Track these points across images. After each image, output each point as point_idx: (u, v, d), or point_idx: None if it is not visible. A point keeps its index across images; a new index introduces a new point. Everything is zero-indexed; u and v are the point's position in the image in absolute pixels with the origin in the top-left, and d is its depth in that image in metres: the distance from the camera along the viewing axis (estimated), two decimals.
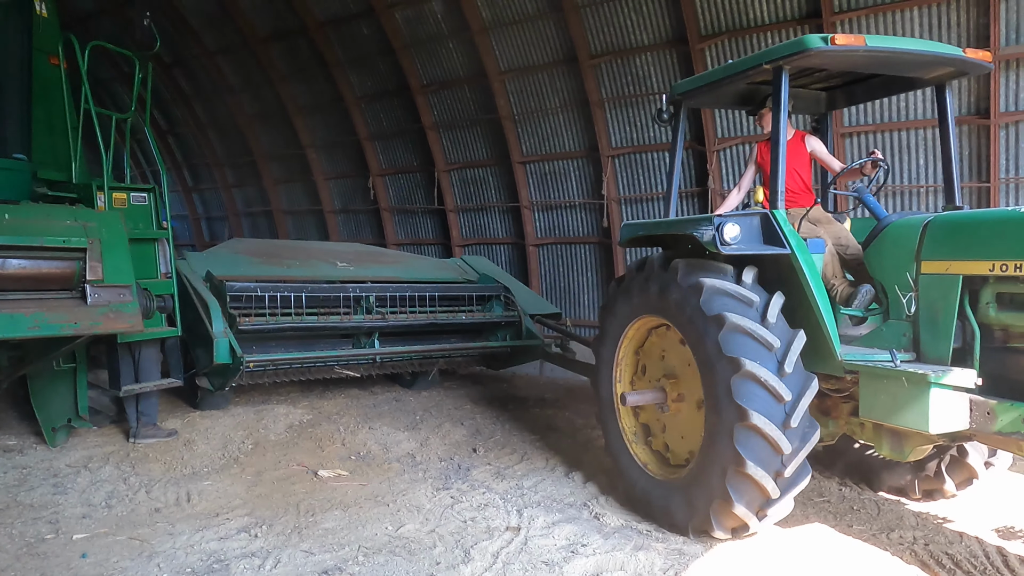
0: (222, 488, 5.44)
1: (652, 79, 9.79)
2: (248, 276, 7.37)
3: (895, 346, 4.15)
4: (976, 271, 3.85)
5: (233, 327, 6.61)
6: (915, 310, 4.14)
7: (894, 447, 4.31)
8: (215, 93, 16.48)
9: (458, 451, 6.52)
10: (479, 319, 8.27)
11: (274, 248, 9.12)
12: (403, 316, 7.69)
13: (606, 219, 10.74)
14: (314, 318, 7.22)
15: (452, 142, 12.73)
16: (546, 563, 4.15)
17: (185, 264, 7.27)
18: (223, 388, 6.87)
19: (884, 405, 3.95)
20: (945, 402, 3.74)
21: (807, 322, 4.28)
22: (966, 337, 3.94)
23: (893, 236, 4.40)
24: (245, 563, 4.12)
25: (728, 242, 4.34)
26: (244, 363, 6.42)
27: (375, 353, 7.57)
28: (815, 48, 4.14)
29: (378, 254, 9.80)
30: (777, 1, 8.35)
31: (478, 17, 10.86)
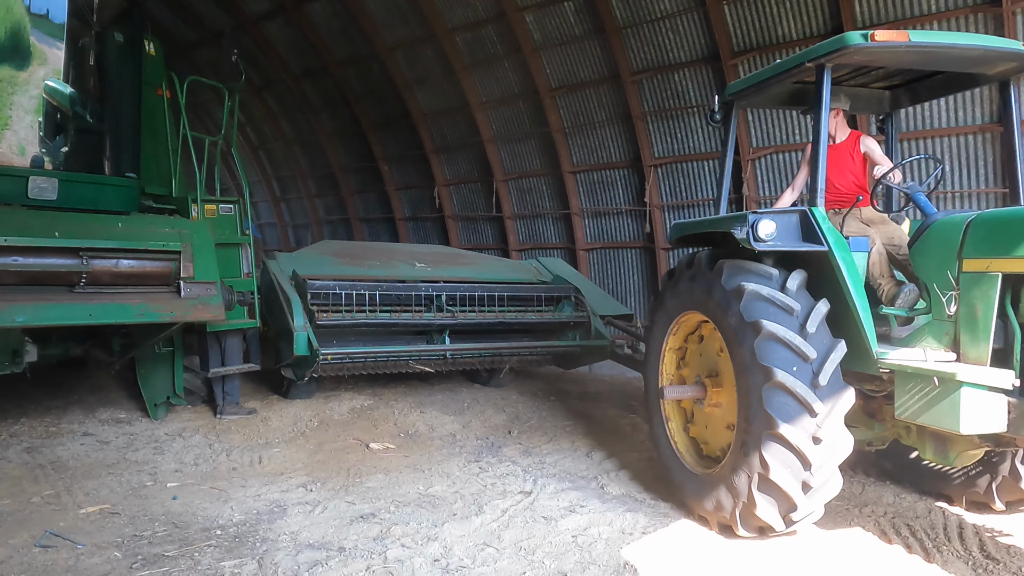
0: (288, 454, 6.40)
1: (689, 93, 10.36)
2: (329, 275, 7.67)
3: (937, 346, 4.05)
4: (1015, 269, 3.69)
5: (312, 322, 6.96)
6: (956, 310, 3.97)
7: (938, 451, 4.18)
8: (299, 112, 17.91)
9: (495, 432, 7.25)
10: (548, 319, 8.33)
11: (359, 249, 9.48)
12: (472, 314, 7.83)
13: (649, 225, 11.34)
14: (387, 315, 7.44)
15: (509, 154, 13.57)
16: (545, 518, 4.84)
17: (275, 264, 7.78)
18: (303, 379, 7.29)
19: (917, 405, 3.84)
20: (978, 402, 3.60)
21: (846, 321, 4.25)
22: (1007, 337, 3.77)
23: (937, 234, 4.25)
24: (299, 508, 5.01)
25: (763, 239, 4.31)
26: (320, 355, 6.74)
27: (446, 349, 7.74)
28: (855, 45, 4.09)
29: (457, 256, 9.96)
30: (803, 19, 8.81)
31: (529, 39, 11.68)
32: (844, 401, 4.06)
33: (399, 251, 9.79)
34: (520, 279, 8.80)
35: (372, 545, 4.33)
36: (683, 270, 5.13)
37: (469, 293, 7.91)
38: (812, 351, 4.05)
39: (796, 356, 4.05)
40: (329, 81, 16.10)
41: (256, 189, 21.27)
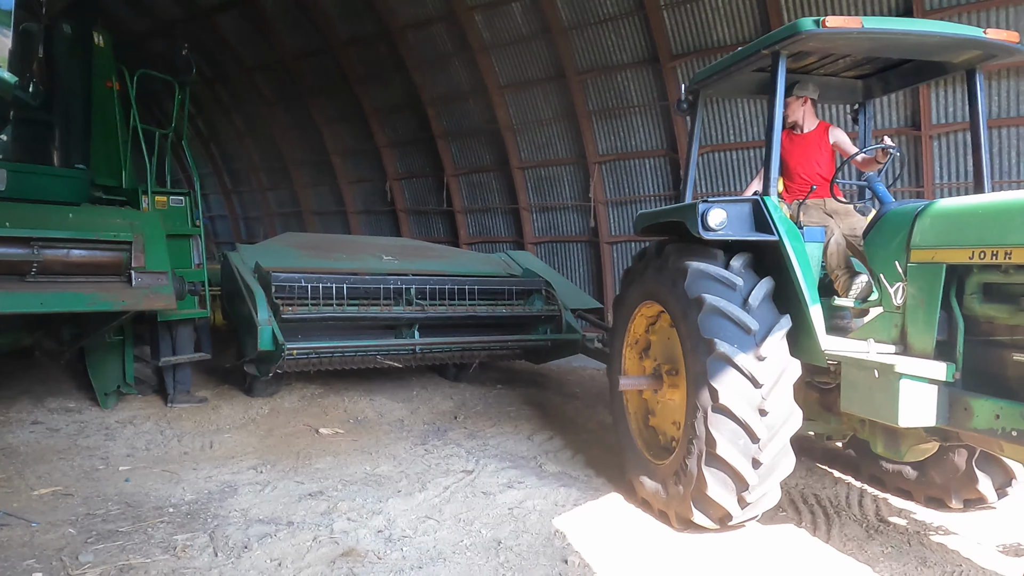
0: (239, 440, 6.59)
1: (632, 94, 10.79)
2: (294, 268, 7.49)
3: (885, 338, 4.00)
4: (958, 259, 3.62)
5: (277, 316, 6.78)
6: (903, 301, 3.92)
7: (888, 445, 4.10)
8: (252, 105, 17.88)
9: (442, 418, 7.52)
10: (519, 313, 8.20)
11: (325, 242, 9.29)
12: (443, 308, 7.69)
13: (593, 220, 11.75)
14: (355, 308, 7.27)
15: (459, 149, 13.84)
16: (484, 493, 5.15)
17: (237, 256, 7.61)
18: (268, 375, 7.10)
19: (860, 397, 3.82)
20: (917, 395, 3.55)
21: (797, 312, 4.21)
22: (951, 330, 3.69)
23: (888, 224, 4.19)
24: (249, 488, 5.23)
25: (713, 227, 4.28)
26: (285, 350, 6.57)
27: (415, 344, 7.59)
28: (807, 31, 4.05)
29: (425, 249, 9.77)
30: (736, 24, 9.29)
31: (479, 38, 11.97)
32: (789, 373, 4.03)
33: (366, 243, 9.60)
34: (490, 272, 8.69)
35: (319, 519, 4.59)
36: (641, 261, 5.13)
37: (439, 286, 7.77)
38: (754, 323, 4.05)
39: (738, 328, 4.05)
40: (283, 75, 16.14)
41: (207, 181, 21.12)
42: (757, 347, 4.02)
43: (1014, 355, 3.43)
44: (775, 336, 4.05)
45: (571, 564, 3.96)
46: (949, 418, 3.59)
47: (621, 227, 11.78)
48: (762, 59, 4.49)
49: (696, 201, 4.47)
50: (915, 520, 4.65)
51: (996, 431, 3.36)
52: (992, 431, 3.39)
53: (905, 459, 4.21)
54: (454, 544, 4.23)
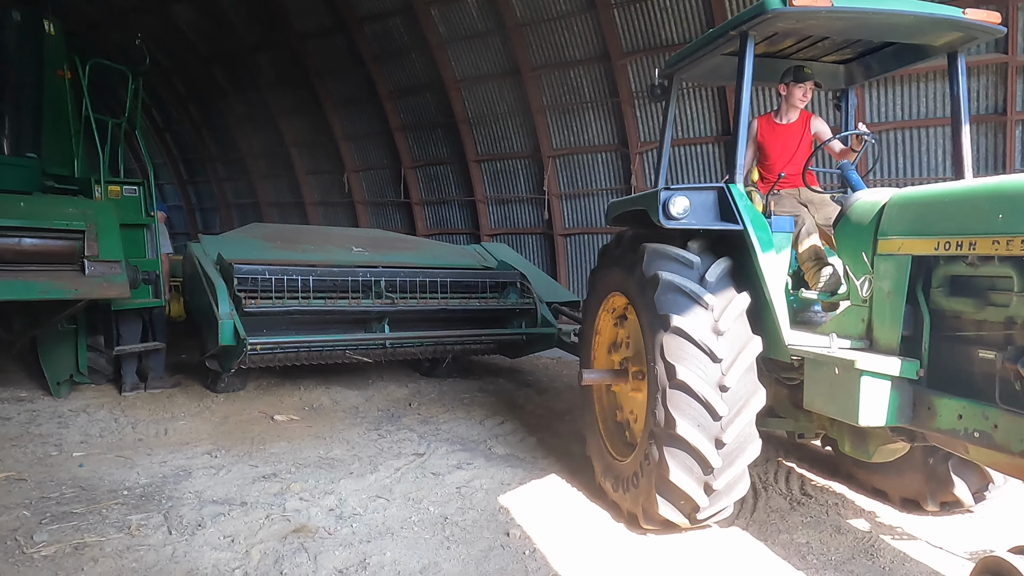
0: (194, 426, 6.67)
1: (584, 89, 11.05)
2: (258, 259, 7.24)
3: (852, 332, 3.82)
4: (923, 250, 3.44)
5: (239, 309, 6.55)
6: (870, 294, 3.72)
7: (855, 444, 3.95)
8: (208, 95, 17.73)
9: (396, 405, 7.65)
10: (493, 306, 7.97)
11: (291, 232, 8.98)
12: (413, 302, 7.44)
13: (547, 212, 12.00)
14: (321, 302, 7.01)
15: (416, 142, 13.98)
16: (434, 474, 5.34)
17: (199, 247, 7.37)
18: (230, 370, 6.89)
19: (822, 394, 3.68)
20: (877, 393, 3.39)
21: (762, 305, 4.08)
22: (916, 324, 3.51)
23: (856, 213, 3.96)
24: (204, 471, 5.34)
25: (674, 216, 4.13)
26: (248, 345, 6.36)
27: (385, 338, 7.32)
28: (774, 10, 3.90)
29: (397, 240, 9.56)
30: (683, 23, 9.61)
31: (436, 32, 12.11)
32: (750, 349, 3.87)
33: (335, 234, 9.33)
34: (464, 265, 8.48)
35: (272, 499, 4.75)
36: (607, 253, 4.97)
37: (410, 279, 7.52)
38: (712, 298, 3.92)
39: (694, 303, 3.91)
40: (239, 66, 16.06)
41: (161, 171, 20.85)
42: (715, 322, 3.87)
43: (979, 352, 3.23)
44: (733, 310, 3.90)
45: (512, 536, 4.19)
46: (912, 417, 3.43)
47: (574, 220, 12.06)
48: (732, 41, 4.29)
49: (658, 189, 4.29)
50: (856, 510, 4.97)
51: (959, 432, 3.19)
52: (955, 432, 3.21)
53: (873, 459, 4.01)
54: (402, 520, 4.43)
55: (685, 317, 3.88)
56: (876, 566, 3.85)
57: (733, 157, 4.35)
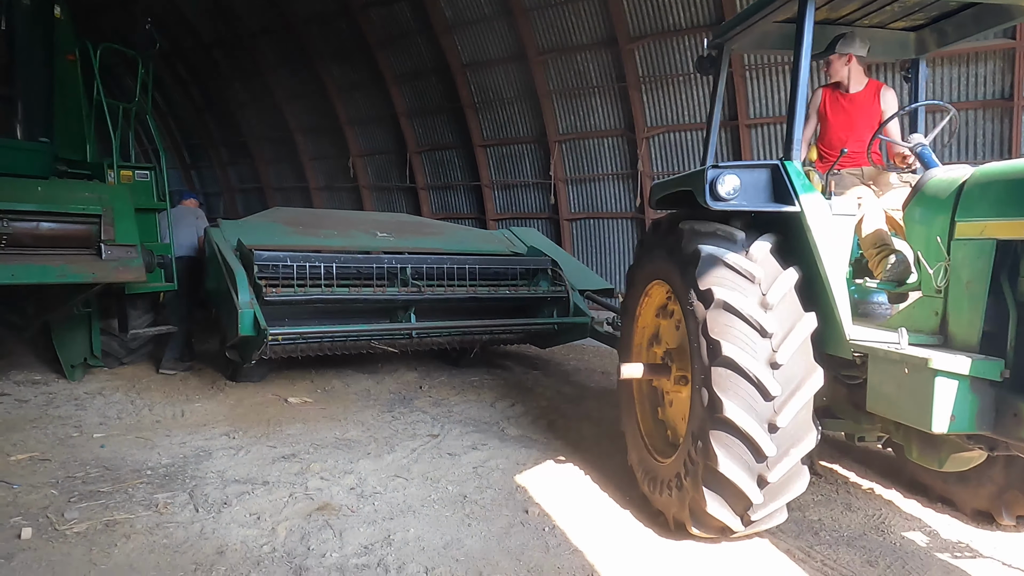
0: (209, 408, 6.76)
1: (591, 74, 11.07)
2: (279, 245, 6.99)
3: (923, 327, 3.41)
4: (1011, 234, 3.02)
5: (259, 298, 6.33)
6: (945, 283, 3.32)
7: (924, 451, 3.52)
8: (211, 80, 17.74)
9: (407, 388, 7.75)
10: (523, 294, 7.67)
11: (313, 217, 8.69)
12: (441, 290, 7.17)
13: (553, 197, 12.05)
14: (345, 290, 6.78)
15: (422, 127, 13.99)
16: (450, 455, 5.45)
17: (218, 233, 7.15)
18: (250, 361, 6.67)
19: (888, 396, 3.27)
20: (954, 396, 2.99)
21: (821, 296, 3.69)
22: (1000, 318, 3.10)
23: (931, 194, 3.54)
24: (223, 452, 5.44)
25: (722, 196, 3.73)
26: (268, 336, 6.12)
27: (411, 328, 7.09)
28: None
29: (423, 225, 9.24)
30: (691, 8, 9.61)
31: (442, 17, 12.10)
32: (804, 325, 3.49)
33: (358, 219, 8.98)
34: (492, 251, 8.22)
35: (294, 479, 4.85)
36: (650, 238, 4.55)
37: (437, 266, 7.25)
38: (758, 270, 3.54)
39: (740, 276, 3.55)
40: (242, 51, 16.04)
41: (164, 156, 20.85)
42: (763, 295, 3.54)
43: None
44: (782, 283, 3.56)
45: (531, 514, 4.29)
46: (995, 425, 3.02)
47: (580, 204, 12.11)
48: (789, 5, 3.90)
49: (705, 167, 3.84)
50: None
51: None
52: None
53: (944, 469, 3.57)
54: (422, 499, 4.52)
55: (729, 290, 3.53)
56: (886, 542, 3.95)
57: (790, 132, 3.91)
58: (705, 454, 3.49)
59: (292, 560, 3.64)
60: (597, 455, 5.44)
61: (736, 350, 3.40)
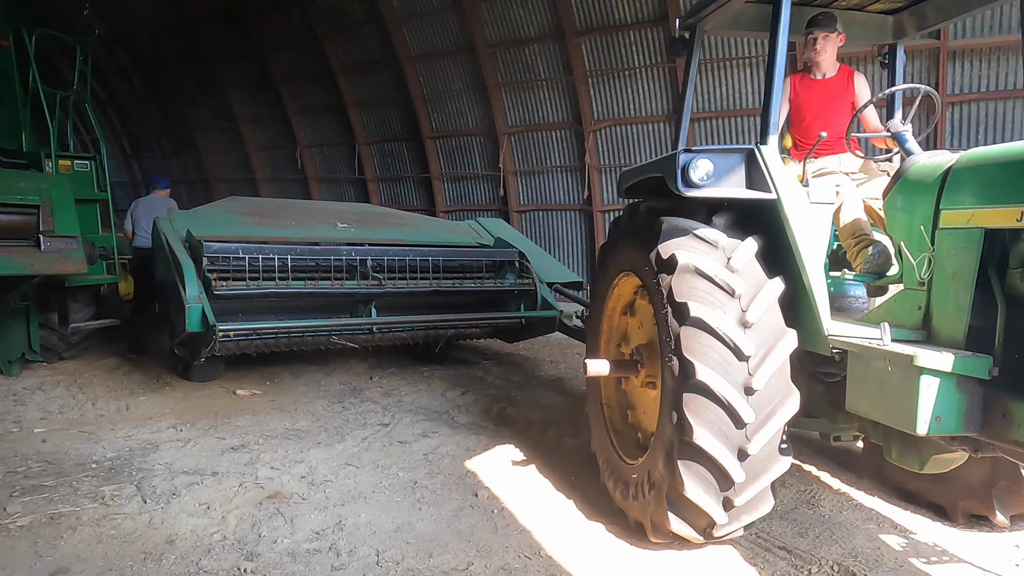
0: (155, 401, 6.68)
1: (539, 67, 11.19)
2: (232, 236, 6.68)
3: (905, 321, 3.24)
4: (1001, 222, 2.83)
5: (208, 292, 6.04)
6: (929, 276, 3.15)
7: (904, 453, 3.29)
8: (155, 68, 17.28)
9: (357, 379, 7.77)
10: (490, 287, 7.40)
11: (272, 207, 8.36)
12: (403, 283, 6.90)
13: (503, 189, 12.15)
14: (301, 283, 6.46)
15: (371, 119, 13.92)
16: (401, 442, 5.51)
17: (166, 222, 6.85)
18: (200, 359, 6.39)
19: (869, 395, 3.08)
20: (941, 396, 2.81)
21: (798, 288, 3.51)
22: (987, 313, 2.93)
23: (913, 181, 3.37)
24: (171, 444, 5.40)
25: (695, 182, 3.52)
26: (218, 332, 5.81)
27: (372, 323, 6.78)
28: None
29: (386, 215, 8.93)
30: (636, 4, 9.80)
31: (391, 7, 12.06)
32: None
33: (319, 209, 8.64)
34: (457, 242, 7.94)
35: (243, 469, 4.85)
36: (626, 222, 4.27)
37: (399, 258, 6.97)
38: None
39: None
40: (187, 38, 15.67)
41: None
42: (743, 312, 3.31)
43: None
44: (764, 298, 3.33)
45: (481, 497, 4.39)
46: (982, 426, 2.86)
47: (529, 196, 12.24)
48: None
49: (677, 151, 3.64)
50: None
51: None
52: None
53: (925, 471, 3.34)
54: (373, 485, 4.58)
55: (707, 306, 3.28)
56: (816, 514, 4.17)
57: (766, 115, 3.71)
58: (671, 475, 3.34)
59: (243, 547, 3.67)
60: (545, 441, 5.57)
61: (710, 373, 3.19)
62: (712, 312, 3.26)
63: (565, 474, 4.82)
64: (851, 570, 3.45)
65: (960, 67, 8.70)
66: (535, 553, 3.66)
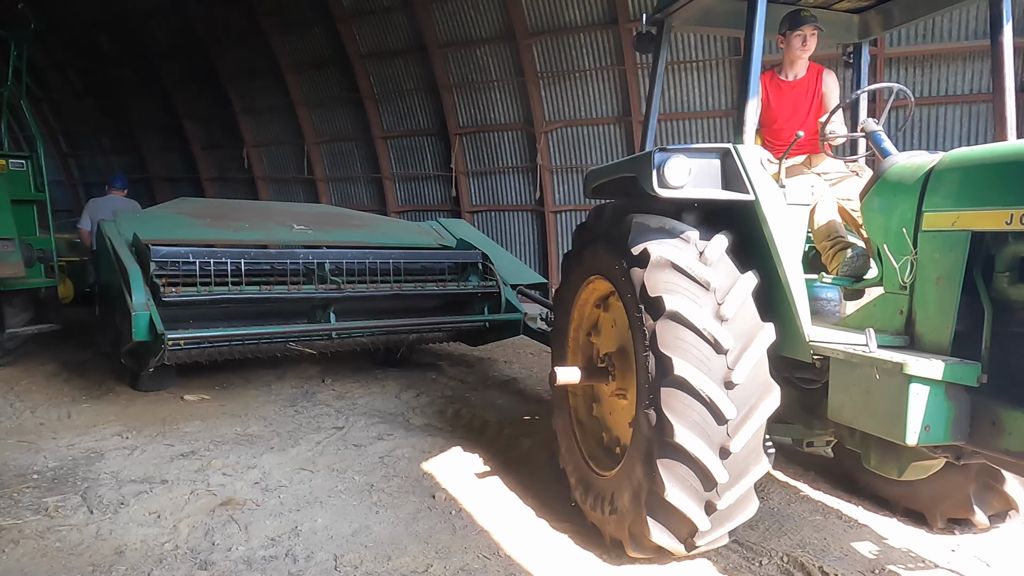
0: (99, 409, 6.47)
1: (491, 69, 11.22)
2: (182, 240, 6.45)
3: (886, 327, 3.16)
4: (989, 225, 2.77)
5: (156, 299, 5.76)
6: (912, 279, 3.07)
7: (883, 460, 3.20)
8: (93, 63, 16.73)
9: (309, 382, 7.66)
10: (452, 290, 7.21)
11: (225, 209, 8.06)
12: (363, 287, 6.70)
13: (455, 189, 12.15)
14: (256, 288, 6.19)
15: (320, 118, 13.76)
16: (356, 446, 5.46)
17: (111, 225, 6.56)
18: (149, 369, 6.11)
19: (855, 404, 2.97)
20: (930, 404, 2.73)
21: (776, 293, 3.39)
22: (974, 318, 2.86)
23: (893, 182, 3.29)
24: (117, 452, 5.25)
25: (672, 184, 3.37)
26: (167, 340, 5.55)
27: (331, 329, 6.57)
28: None
29: (344, 216, 8.67)
30: (585, 8, 9.92)
31: (340, 5, 11.94)
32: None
33: (275, 211, 8.38)
34: (419, 243, 7.74)
35: (194, 476, 4.75)
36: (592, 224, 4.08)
37: (358, 261, 6.76)
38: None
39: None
40: (128, 33, 15.21)
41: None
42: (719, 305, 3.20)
43: None
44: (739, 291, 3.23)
45: (438, 499, 4.39)
46: (970, 434, 2.77)
47: (481, 197, 12.26)
48: None
49: (651, 150, 3.48)
50: None
51: None
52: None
53: (903, 478, 3.24)
54: (329, 490, 4.54)
55: (683, 299, 3.16)
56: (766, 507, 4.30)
57: (742, 114, 3.60)
58: (651, 480, 3.17)
59: (196, 556, 3.60)
60: (501, 442, 5.60)
61: (689, 368, 3.06)
62: (688, 305, 3.14)
63: (522, 474, 4.86)
64: (800, 560, 3.56)
65: (896, 73, 9.04)
66: (494, 553, 3.69)
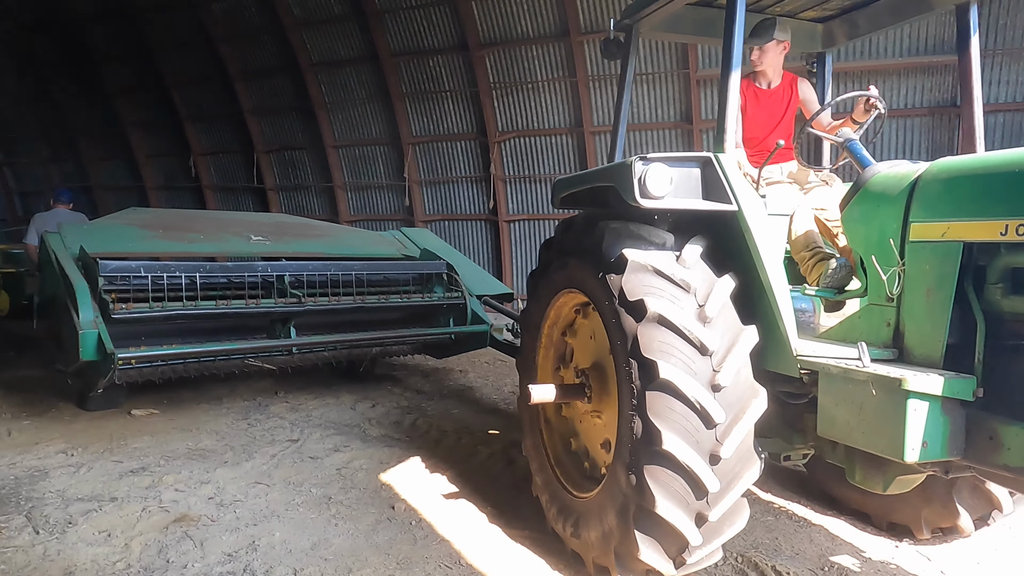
0: (41, 425, 6.26)
1: (444, 79, 11.27)
2: (132, 253, 6.20)
3: (873, 339, 3.08)
4: (982, 235, 2.72)
5: (105, 316, 5.49)
6: (900, 291, 3.01)
7: (869, 474, 3.16)
8: (30, 67, 16.23)
9: (262, 394, 7.55)
10: (417, 302, 7.04)
11: (179, 219, 7.77)
12: (324, 300, 6.48)
13: (408, 199, 12.14)
14: (212, 303, 5.94)
15: (270, 126, 13.61)
16: (312, 458, 5.40)
17: (56, 237, 6.25)
18: (98, 389, 5.88)
19: (847, 421, 2.87)
20: (927, 420, 2.65)
21: (759, 305, 3.28)
22: (966, 330, 2.81)
23: (876, 191, 3.23)
24: (62, 471, 5.08)
25: (653, 193, 3.25)
26: (118, 360, 5.29)
27: (291, 344, 6.34)
28: None
29: (304, 227, 8.42)
30: (537, 19, 10.07)
31: (290, 13, 11.85)
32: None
33: (231, 221, 8.06)
34: (382, 254, 7.59)
35: (145, 492, 4.64)
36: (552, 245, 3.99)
37: (319, 273, 6.55)
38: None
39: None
40: (69, 37, 14.79)
41: None
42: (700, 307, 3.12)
43: None
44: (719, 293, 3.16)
45: (397, 510, 4.38)
46: (966, 450, 2.71)
47: (435, 206, 12.27)
48: None
49: (629, 160, 3.35)
50: None
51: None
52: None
53: (888, 492, 3.19)
54: (286, 503, 4.49)
55: (664, 301, 3.06)
56: None
57: (722, 123, 3.51)
58: (639, 493, 3.00)
59: (150, 574, 3.53)
60: (459, 451, 5.61)
61: (675, 371, 2.94)
62: (670, 307, 3.04)
63: (480, 483, 4.88)
64: (753, 560, 3.67)
65: (839, 87, 9.41)
66: (455, 562, 3.70)
